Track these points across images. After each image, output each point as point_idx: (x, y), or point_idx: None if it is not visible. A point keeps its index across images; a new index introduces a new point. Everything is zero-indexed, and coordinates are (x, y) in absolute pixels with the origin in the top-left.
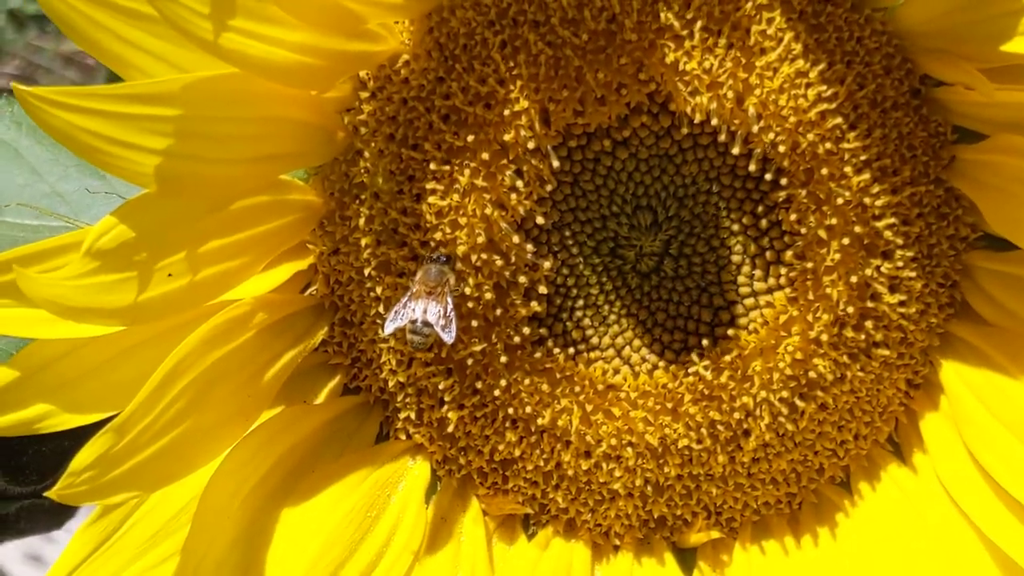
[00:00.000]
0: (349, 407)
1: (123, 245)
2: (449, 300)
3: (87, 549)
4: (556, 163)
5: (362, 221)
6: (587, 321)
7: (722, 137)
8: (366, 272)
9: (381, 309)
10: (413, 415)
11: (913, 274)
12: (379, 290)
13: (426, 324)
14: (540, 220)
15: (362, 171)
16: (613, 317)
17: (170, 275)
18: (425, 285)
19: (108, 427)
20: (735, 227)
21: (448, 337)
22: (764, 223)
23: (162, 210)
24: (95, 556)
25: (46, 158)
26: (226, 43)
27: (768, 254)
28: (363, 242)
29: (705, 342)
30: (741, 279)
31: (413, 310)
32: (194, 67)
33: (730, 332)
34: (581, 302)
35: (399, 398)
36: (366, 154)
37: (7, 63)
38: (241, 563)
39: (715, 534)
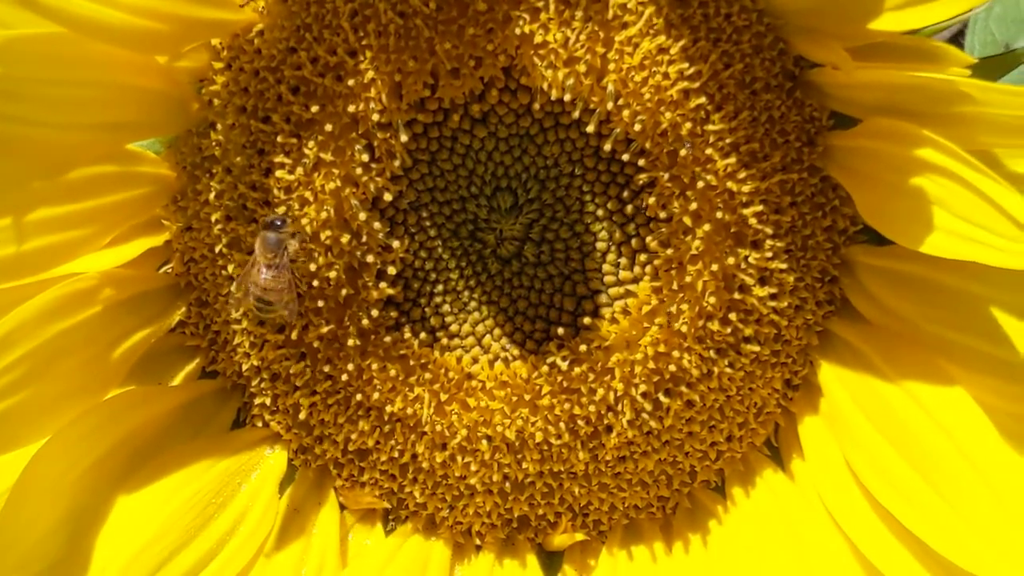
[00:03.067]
0: (205, 391)
1: None
2: (291, 274)
3: None
4: (405, 137)
5: (212, 196)
6: (446, 307)
7: (576, 114)
8: (217, 249)
9: (233, 288)
10: (268, 401)
11: (785, 266)
12: (230, 268)
13: (266, 300)
14: (388, 197)
15: (214, 144)
16: (473, 304)
17: None
18: (264, 256)
19: None
20: (599, 212)
21: (291, 316)
22: (630, 208)
23: None
24: None
25: None
26: None
27: (634, 241)
28: (213, 218)
29: (564, 331)
30: (606, 267)
31: (255, 280)
32: (21, 24)
33: (592, 322)
34: (440, 287)
35: (254, 383)
36: (219, 126)
37: None
38: (66, 544)
39: (579, 536)
